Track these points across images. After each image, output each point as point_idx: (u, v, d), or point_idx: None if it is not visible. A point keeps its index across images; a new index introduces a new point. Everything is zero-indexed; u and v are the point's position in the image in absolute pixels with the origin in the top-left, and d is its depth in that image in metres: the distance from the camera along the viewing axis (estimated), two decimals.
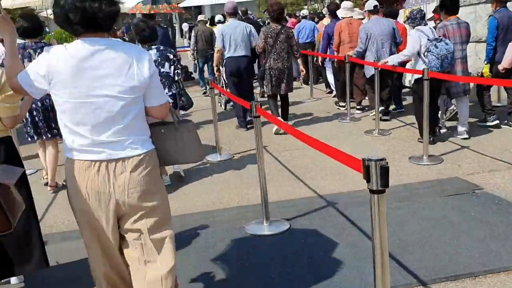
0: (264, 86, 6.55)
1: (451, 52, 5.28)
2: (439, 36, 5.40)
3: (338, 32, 7.63)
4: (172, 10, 8.76)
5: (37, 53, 4.32)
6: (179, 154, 2.29)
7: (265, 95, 7.15)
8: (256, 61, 8.12)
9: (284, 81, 6.49)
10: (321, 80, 10.67)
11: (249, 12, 11.18)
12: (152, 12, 8.36)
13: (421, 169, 4.86)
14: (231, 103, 8.13)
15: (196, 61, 10.55)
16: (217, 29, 8.04)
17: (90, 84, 1.91)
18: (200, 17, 11.21)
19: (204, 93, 10.22)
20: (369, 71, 6.76)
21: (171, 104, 4.37)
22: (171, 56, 4.59)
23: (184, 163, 3.43)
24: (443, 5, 5.74)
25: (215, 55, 7.06)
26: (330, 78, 9.12)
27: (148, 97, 2.07)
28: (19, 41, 4.61)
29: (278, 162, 5.44)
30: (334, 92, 8.89)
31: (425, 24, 5.59)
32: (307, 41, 10.20)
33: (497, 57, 5.89)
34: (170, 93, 4.53)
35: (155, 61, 4.47)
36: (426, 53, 5.32)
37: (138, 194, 2.02)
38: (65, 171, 2.08)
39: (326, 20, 9.13)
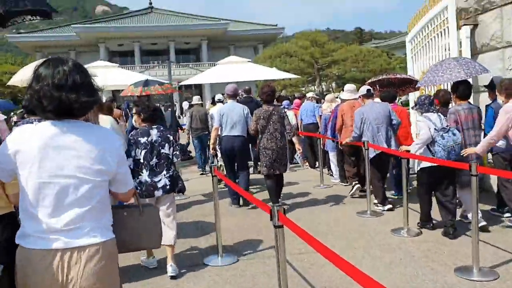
0: (260, 167, 6.58)
1: (458, 143, 5.13)
2: (447, 126, 5.24)
3: (340, 115, 7.65)
4: (164, 91, 8.75)
5: None
6: (141, 239, 2.24)
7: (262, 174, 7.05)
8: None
9: (279, 161, 6.54)
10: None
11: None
12: (143, 94, 8.28)
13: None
14: (223, 183, 8.05)
15: (190, 140, 10.93)
16: (215, 108, 8.26)
17: (57, 164, 1.85)
18: (194, 99, 11.56)
19: (201, 174, 10.52)
20: (371, 153, 6.58)
21: (168, 186, 4.41)
22: (171, 138, 4.59)
23: (145, 249, 3.32)
24: (456, 89, 5.64)
25: (212, 134, 7.29)
26: (333, 159, 9.16)
27: (116, 182, 2.03)
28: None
29: (294, 269, 4.43)
30: (335, 176, 8.81)
31: (433, 111, 5.39)
32: (309, 122, 10.10)
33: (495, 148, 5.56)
34: (168, 175, 4.50)
35: (155, 141, 4.47)
36: (432, 143, 5.17)
37: (91, 286, 1.88)
38: (16, 261, 1.91)
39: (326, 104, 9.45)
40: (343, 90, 8.43)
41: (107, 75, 9.66)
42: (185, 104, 17.56)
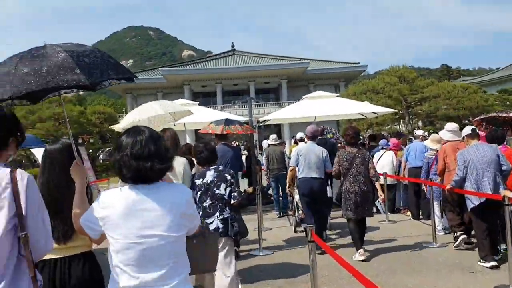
0: (343, 210, 6.48)
1: None
2: None
3: (442, 157, 6.97)
4: (245, 131, 8.23)
5: None
6: (199, 263, 2.45)
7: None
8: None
9: (362, 205, 6.33)
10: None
11: (333, 130, 10.26)
12: (224, 132, 7.69)
13: None
14: (302, 227, 7.75)
15: (268, 180, 10.77)
16: (295, 148, 7.87)
17: (140, 225, 2.01)
18: (271, 139, 11.09)
19: (279, 216, 10.18)
20: (470, 202, 5.85)
21: (220, 229, 4.33)
22: (229, 177, 4.48)
23: (205, 272, 3.49)
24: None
25: (289, 173, 7.19)
26: (437, 210, 7.68)
27: (189, 230, 2.20)
28: None
29: None
30: (438, 229, 7.56)
31: None
32: (417, 165, 8.60)
33: None
34: (221, 217, 4.39)
35: (211, 182, 4.46)
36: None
37: None
38: None
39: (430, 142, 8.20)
40: (432, 130, 7.21)
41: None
42: (265, 143, 16.75)
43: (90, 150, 38.55)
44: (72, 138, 2.91)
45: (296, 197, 7.51)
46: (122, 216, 2.01)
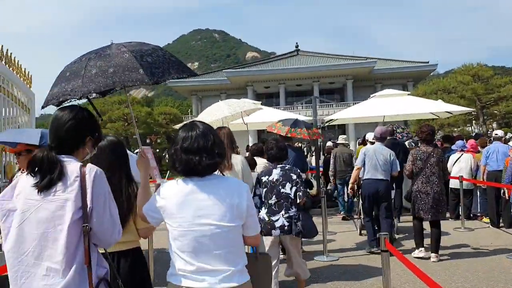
0: (412, 209, 6.30)
1: None
2: None
3: None
4: (310, 137, 8.01)
5: None
6: (253, 285, 2.35)
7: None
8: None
9: (435, 206, 6.07)
10: None
11: (401, 126, 9.82)
12: (289, 135, 7.53)
13: None
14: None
15: (334, 183, 10.40)
16: (362, 148, 7.66)
17: (194, 214, 2.10)
18: (340, 139, 10.76)
19: (343, 218, 9.94)
20: None
21: (286, 226, 4.38)
22: (294, 177, 4.50)
23: None
24: None
25: (353, 173, 7.01)
26: None
27: (245, 226, 2.20)
28: None
29: None
30: None
31: None
32: (498, 168, 7.93)
33: None
34: (287, 215, 4.42)
35: (276, 180, 4.49)
36: None
37: None
38: None
39: None
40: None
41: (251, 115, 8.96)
42: (329, 144, 16.29)
43: (157, 150, 39.79)
44: (139, 137, 3.14)
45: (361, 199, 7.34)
46: (177, 205, 2.12)
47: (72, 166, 2.00)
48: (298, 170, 4.69)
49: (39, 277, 1.91)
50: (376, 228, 6.79)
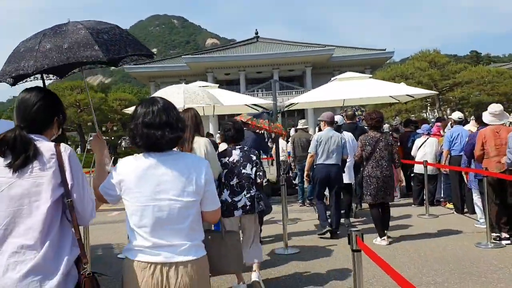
0: (363, 195, 6.41)
1: None
2: None
3: (480, 142, 6.30)
4: (270, 129, 8.47)
5: None
6: (222, 263, 2.44)
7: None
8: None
9: (383, 189, 6.21)
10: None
11: (361, 108, 9.63)
12: (249, 122, 7.76)
13: None
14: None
15: (295, 169, 10.20)
16: (315, 135, 7.51)
17: (153, 189, 2.09)
18: (299, 124, 10.41)
19: (301, 205, 9.80)
20: None
21: (248, 206, 4.43)
22: (254, 158, 4.57)
23: (224, 273, 3.47)
24: None
25: (308, 160, 6.98)
26: (477, 200, 7.00)
27: (203, 202, 2.20)
28: None
29: None
30: (480, 221, 6.92)
31: None
32: (461, 153, 7.72)
33: None
34: (249, 195, 4.47)
35: (237, 161, 4.52)
36: None
37: None
38: (122, 271, 2.15)
39: (472, 127, 7.62)
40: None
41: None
42: (293, 131, 15.93)
43: (112, 138, 38.38)
44: (95, 119, 3.18)
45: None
46: (135, 180, 2.10)
47: (45, 145, 2.01)
48: (256, 151, 4.75)
49: (8, 254, 1.88)
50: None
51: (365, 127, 9.49)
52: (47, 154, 1.99)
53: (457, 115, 8.69)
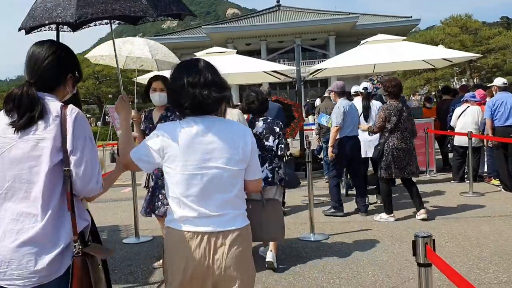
0: (382, 169, 5.85)
1: None
2: None
3: None
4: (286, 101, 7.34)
5: None
6: (262, 231, 2.37)
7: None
8: None
9: (411, 163, 5.85)
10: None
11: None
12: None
13: None
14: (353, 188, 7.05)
15: (320, 141, 9.33)
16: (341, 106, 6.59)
17: (201, 157, 2.00)
18: (326, 92, 9.35)
19: (327, 181, 8.72)
20: None
21: (269, 178, 4.38)
22: (277, 129, 4.45)
23: (266, 240, 3.71)
24: None
25: (332, 134, 6.27)
26: None
27: (248, 171, 2.13)
28: None
29: None
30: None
31: None
32: (507, 124, 6.76)
33: None
34: (270, 167, 4.36)
35: (260, 133, 4.41)
36: None
37: (233, 269, 2.02)
38: (165, 242, 2.09)
39: None
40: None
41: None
42: (318, 102, 14.98)
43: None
44: (121, 79, 2.98)
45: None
46: (182, 147, 2.00)
47: (53, 104, 1.85)
48: (280, 123, 4.56)
49: (6, 220, 1.78)
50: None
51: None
52: (53, 115, 1.83)
53: (501, 80, 7.64)
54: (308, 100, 25.75)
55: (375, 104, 6.94)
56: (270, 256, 4.29)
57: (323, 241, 5.09)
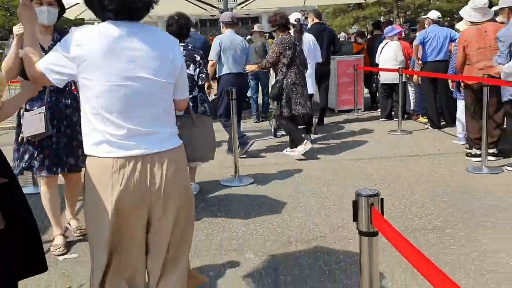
0: (284, 107, 5.50)
1: None
2: None
3: (462, 46, 5.27)
4: None
5: None
6: (194, 151, 2.32)
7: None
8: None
9: (309, 100, 5.71)
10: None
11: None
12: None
13: None
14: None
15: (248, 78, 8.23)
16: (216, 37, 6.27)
17: (126, 65, 1.75)
18: (256, 26, 8.90)
19: (256, 121, 8.49)
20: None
21: (191, 106, 3.87)
22: (198, 58, 4.26)
23: (197, 160, 3.26)
24: None
25: (210, 69, 5.74)
26: (461, 115, 5.85)
27: (176, 88, 1.96)
28: None
29: None
30: (459, 137, 6.07)
31: None
32: (438, 58, 6.50)
33: None
34: (191, 96, 4.09)
35: None
36: None
37: (173, 194, 1.84)
38: (86, 177, 1.83)
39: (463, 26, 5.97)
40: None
41: None
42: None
43: None
44: None
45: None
46: (102, 54, 1.72)
47: None
48: (201, 52, 4.39)
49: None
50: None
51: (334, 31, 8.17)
52: None
53: (435, 14, 7.33)
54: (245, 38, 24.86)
55: (307, 37, 6.41)
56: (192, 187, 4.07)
57: (248, 186, 4.65)
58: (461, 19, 6.72)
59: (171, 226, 1.88)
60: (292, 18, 6.60)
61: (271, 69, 5.82)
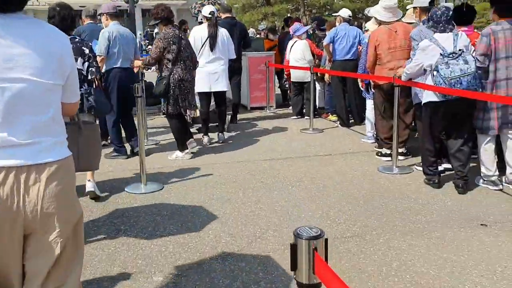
0: (170, 105, 5.25)
1: (468, 74, 3.79)
2: (460, 50, 3.88)
3: (373, 46, 5.25)
4: None
5: None
6: (79, 160, 2.03)
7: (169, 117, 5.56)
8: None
9: (193, 95, 5.53)
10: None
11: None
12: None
13: None
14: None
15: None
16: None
17: (1, 64, 1.50)
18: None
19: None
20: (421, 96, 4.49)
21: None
22: (87, 51, 4.12)
23: (82, 171, 2.73)
24: (495, 2, 4.20)
25: (100, 63, 5.19)
26: (370, 114, 6.01)
27: (66, 91, 1.72)
28: None
29: None
30: (368, 135, 6.18)
31: (450, 30, 4.05)
32: (347, 57, 6.52)
33: None
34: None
35: None
36: (434, 72, 3.95)
37: (54, 211, 1.60)
38: None
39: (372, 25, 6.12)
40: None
41: None
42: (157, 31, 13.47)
43: None
44: None
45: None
46: None
47: None
48: (90, 44, 4.28)
49: None
50: None
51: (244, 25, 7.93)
52: None
53: (347, 12, 7.40)
54: (147, 30, 23.50)
55: (221, 32, 6.09)
56: (90, 186, 4.04)
57: (155, 193, 4.25)
58: (368, 19, 6.86)
59: (54, 246, 1.63)
60: (206, 11, 6.26)
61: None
